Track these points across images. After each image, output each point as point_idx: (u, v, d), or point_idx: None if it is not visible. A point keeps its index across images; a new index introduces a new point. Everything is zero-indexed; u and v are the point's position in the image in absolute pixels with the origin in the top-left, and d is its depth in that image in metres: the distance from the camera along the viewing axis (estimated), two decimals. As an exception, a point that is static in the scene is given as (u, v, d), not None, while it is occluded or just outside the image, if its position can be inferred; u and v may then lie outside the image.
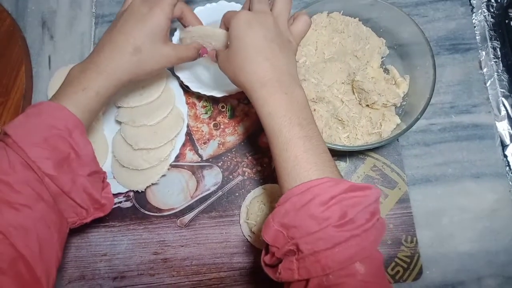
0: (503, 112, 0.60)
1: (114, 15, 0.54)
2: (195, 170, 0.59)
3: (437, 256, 0.55)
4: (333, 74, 0.55)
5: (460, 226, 0.56)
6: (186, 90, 0.59)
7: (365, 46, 0.57)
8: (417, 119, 0.50)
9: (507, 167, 0.58)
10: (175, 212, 0.58)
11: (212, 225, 0.57)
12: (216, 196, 0.58)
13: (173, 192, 0.59)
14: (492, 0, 0.64)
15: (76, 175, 0.43)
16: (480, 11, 0.64)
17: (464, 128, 0.59)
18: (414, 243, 0.55)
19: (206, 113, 0.61)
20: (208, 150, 0.60)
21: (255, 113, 0.60)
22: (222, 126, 0.61)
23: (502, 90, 0.61)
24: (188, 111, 0.60)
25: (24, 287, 0.36)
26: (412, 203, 0.56)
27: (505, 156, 0.58)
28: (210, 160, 0.59)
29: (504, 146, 0.59)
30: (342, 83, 0.55)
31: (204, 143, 0.60)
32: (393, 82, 0.57)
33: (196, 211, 0.58)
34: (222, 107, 0.61)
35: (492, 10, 0.63)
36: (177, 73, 0.58)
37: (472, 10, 0.63)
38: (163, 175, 0.57)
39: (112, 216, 0.58)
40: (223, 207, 0.58)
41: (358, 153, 0.59)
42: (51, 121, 0.41)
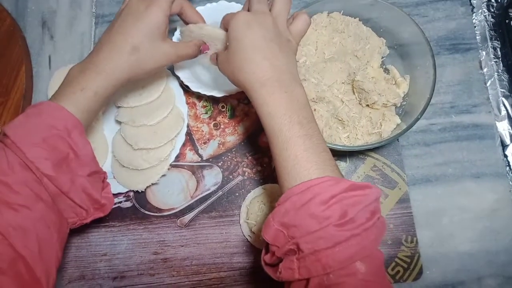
0: (503, 112, 0.60)
1: (114, 15, 0.54)
2: (195, 170, 0.59)
3: (437, 256, 0.55)
4: (333, 74, 0.55)
5: (460, 226, 0.56)
6: (186, 90, 0.59)
7: (365, 46, 0.57)
8: (417, 119, 0.49)
9: (507, 167, 0.58)
10: (175, 212, 0.58)
11: (212, 225, 0.57)
12: (216, 196, 0.58)
13: (173, 192, 0.59)
14: (492, 0, 0.64)
15: (75, 175, 0.42)
16: (480, 11, 0.63)
17: (464, 128, 0.59)
18: (414, 243, 0.55)
19: (206, 113, 0.61)
20: (208, 150, 0.60)
21: (255, 113, 0.60)
22: (222, 126, 0.61)
23: (502, 90, 0.61)
24: (188, 111, 0.60)
25: (24, 287, 0.37)
26: (412, 203, 0.56)
27: (505, 156, 0.58)
28: (210, 160, 0.59)
29: (504, 146, 0.59)
30: (342, 83, 0.55)
31: (204, 143, 0.60)
32: (393, 82, 0.57)
33: (196, 211, 0.58)
34: (222, 107, 0.61)
35: (493, 10, 0.63)
36: (177, 73, 0.57)
37: (472, 10, 0.63)
38: (163, 175, 0.57)
39: (112, 216, 0.58)
40: (223, 207, 0.58)
41: (358, 153, 0.59)
42: (50, 121, 0.41)
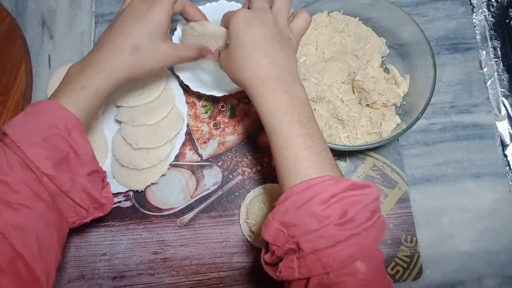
0: (503, 112, 0.60)
1: (114, 14, 0.54)
2: (195, 170, 0.59)
3: (437, 256, 0.55)
4: (333, 74, 0.55)
5: (460, 226, 0.56)
6: (186, 90, 0.59)
7: (365, 46, 0.57)
8: (417, 119, 0.49)
9: (507, 167, 0.58)
10: (175, 212, 0.58)
11: (212, 225, 0.57)
12: (216, 196, 0.58)
13: (173, 192, 0.58)
14: (493, 0, 0.64)
15: (75, 175, 0.42)
16: (481, 11, 0.63)
17: (464, 128, 0.59)
18: (414, 243, 0.55)
19: (206, 113, 0.61)
20: (208, 150, 0.60)
21: (255, 113, 0.60)
22: (222, 126, 0.60)
23: (502, 90, 0.61)
24: (188, 111, 0.60)
25: (24, 287, 0.36)
26: (412, 203, 0.56)
27: (505, 156, 0.58)
28: (210, 160, 0.59)
29: (504, 146, 0.59)
30: (342, 83, 0.55)
31: (204, 143, 0.60)
32: (393, 82, 0.57)
33: (196, 211, 0.58)
34: (222, 107, 0.61)
35: (493, 10, 0.63)
36: (177, 73, 0.57)
37: (473, 10, 0.63)
38: (163, 175, 0.57)
39: (112, 216, 0.58)
40: (223, 207, 0.58)
41: (358, 153, 0.59)
42: (50, 121, 0.41)
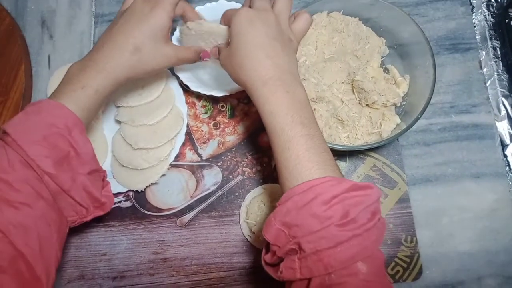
0: (503, 112, 0.60)
1: (114, 14, 0.54)
2: (195, 170, 0.59)
3: (437, 256, 0.55)
4: (333, 74, 0.55)
5: (460, 226, 0.56)
6: (186, 90, 0.59)
7: (365, 46, 0.57)
8: (417, 119, 0.49)
9: (507, 167, 0.58)
10: (175, 212, 0.58)
11: (212, 225, 0.57)
12: (216, 196, 0.58)
13: (173, 192, 0.58)
14: (492, 0, 0.64)
15: (76, 174, 0.42)
16: (480, 11, 0.63)
17: (464, 128, 0.59)
18: (414, 243, 0.55)
19: (206, 113, 0.61)
20: (208, 150, 0.60)
21: (255, 113, 0.61)
22: (222, 126, 0.60)
23: (502, 90, 0.61)
24: (188, 111, 0.60)
25: (24, 286, 0.36)
26: (412, 203, 0.56)
27: (505, 156, 0.58)
28: (210, 160, 0.59)
29: (504, 146, 0.59)
30: (342, 83, 0.55)
31: (204, 143, 0.60)
32: (393, 82, 0.57)
33: (196, 211, 0.58)
34: (222, 107, 0.61)
35: (492, 10, 0.63)
36: (177, 73, 0.57)
37: (472, 10, 0.63)
38: (163, 175, 0.57)
39: (112, 216, 0.58)
40: (223, 207, 0.58)
41: (358, 153, 0.59)
42: (51, 119, 0.41)
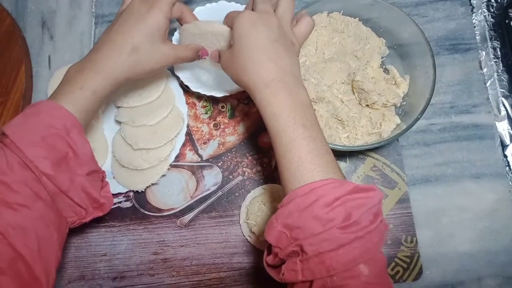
0: (503, 112, 0.60)
1: (114, 15, 0.54)
2: (195, 170, 0.59)
3: (437, 256, 0.55)
4: (333, 74, 0.55)
5: (460, 226, 0.56)
6: (186, 90, 0.59)
7: (365, 46, 0.57)
8: (417, 119, 0.49)
9: (507, 167, 0.58)
10: (175, 212, 0.58)
11: (212, 225, 0.57)
12: (216, 196, 0.58)
13: (173, 192, 0.58)
14: (492, 0, 0.64)
15: (74, 174, 0.42)
16: (480, 11, 0.63)
17: (464, 128, 0.59)
18: (414, 243, 0.55)
19: (206, 113, 0.61)
20: (208, 150, 0.60)
21: (255, 113, 0.61)
22: (222, 126, 0.61)
23: (502, 90, 0.61)
24: (188, 111, 0.60)
25: (24, 287, 0.36)
26: (412, 203, 0.56)
27: (505, 156, 0.58)
28: (210, 160, 0.59)
29: (504, 146, 0.59)
30: (342, 83, 0.55)
31: (204, 143, 0.60)
32: (393, 82, 0.57)
33: (196, 211, 0.58)
34: (222, 107, 0.61)
35: (492, 10, 0.63)
36: (177, 73, 0.57)
37: (472, 10, 0.63)
38: (163, 175, 0.57)
39: (112, 216, 0.58)
40: (223, 207, 0.58)
41: (358, 153, 0.59)
42: (49, 121, 0.41)
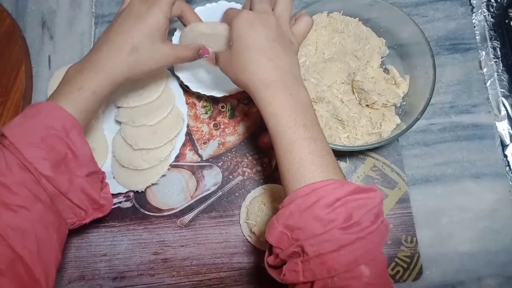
0: (503, 112, 0.60)
1: (114, 15, 0.54)
2: (195, 170, 0.59)
3: (437, 256, 0.55)
4: (333, 74, 0.55)
5: (460, 226, 0.56)
6: (186, 90, 0.59)
7: (365, 46, 0.57)
8: (417, 119, 0.50)
9: (507, 167, 0.58)
10: (175, 212, 0.58)
11: (212, 225, 0.57)
12: (216, 196, 0.58)
13: (173, 192, 0.59)
14: (492, 0, 0.64)
15: (74, 176, 0.42)
16: (480, 11, 0.63)
17: (464, 128, 0.59)
18: (414, 243, 0.55)
19: (206, 113, 0.61)
20: (208, 150, 0.60)
21: (255, 113, 0.61)
22: (222, 126, 0.61)
23: (502, 90, 0.61)
24: (188, 111, 0.60)
25: None
26: (412, 203, 0.56)
27: (505, 156, 0.58)
28: (210, 160, 0.59)
29: (504, 146, 0.59)
30: (342, 83, 0.55)
31: (204, 143, 0.60)
32: (393, 82, 0.57)
33: (196, 211, 0.58)
34: (222, 107, 0.61)
35: (492, 10, 0.63)
36: (177, 73, 0.57)
37: (472, 10, 0.63)
38: (163, 175, 0.57)
39: (112, 216, 0.58)
40: (223, 207, 0.58)
41: (358, 153, 0.59)
42: (48, 122, 0.41)
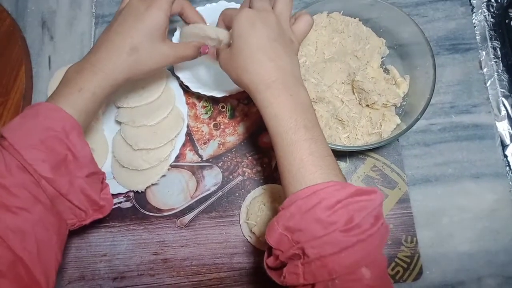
0: (503, 112, 0.60)
1: (114, 15, 0.54)
2: (195, 170, 0.59)
3: (437, 256, 0.55)
4: (333, 74, 0.55)
5: (460, 226, 0.56)
6: (186, 90, 0.59)
7: (365, 46, 0.57)
8: (417, 119, 0.49)
9: (507, 167, 0.58)
10: (175, 213, 0.58)
11: (212, 225, 0.57)
12: (216, 197, 0.58)
13: (173, 193, 0.59)
14: (492, 0, 0.64)
15: (74, 177, 0.42)
16: (480, 11, 0.63)
17: (464, 128, 0.59)
18: (414, 243, 0.55)
19: (206, 113, 0.61)
20: (208, 150, 0.60)
21: (255, 113, 0.61)
22: (222, 126, 0.61)
23: (502, 90, 0.61)
24: (188, 111, 0.60)
25: None
26: (412, 203, 0.56)
27: (505, 156, 0.58)
28: (210, 160, 0.59)
29: (504, 146, 0.59)
30: (342, 83, 0.55)
31: (204, 143, 0.60)
32: (393, 82, 0.57)
33: (196, 211, 0.58)
34: (222, 107, 0.61)
35: (492, 10, 0.63)
36: (177, 73, 0.57)
37: (472, 10, 0.63)
38: (163, 176, 0.57)
39: (112, 217, 0.58)
40: (223, 207, 0.58)
41: (358, 153, 0.59)
42: (48, 123, 0.41)
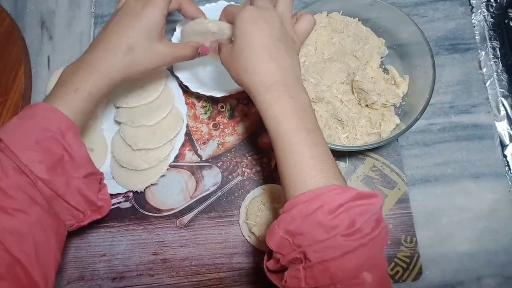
0: (503, 112, 0.60)
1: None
2: (195, 171, 0.59)
3: (437, 256, 0.55)
4: (333, 74, 0.55)
5: (460, 226, 0.56)
6: (186, 90, 0.59)
7: (365, 46, 0.57)
8: (417, 119, 0.49)
9: (507, 167, 0.58)
10: (175, 213, 0.58)
11: (212, 226, 0.57)
12: (216, 197, 0.58)
13: (173, 193, 0.58)
14: (492, 0, 0.64)
15: (70, 178, 0.42)
16: (480, 11, 0.63)
17: (464, 128, 0.59)
18: (414, 243, 0.55)
19: (206, 113, 0.61)
20: (208, 150, 0.60)
21: (255, 113, 0.61)
22: (222, 126, 0.60)
23: (502, 90, 0.61)
24: (188, 111, 0.60)
25: None
26: (412, 203, 0.56)
27: (505, 156, 0.58)
28: (210, 161, 0.59)
29: (504, 146, 0.59)
30: (342, 83, 0.55)
31: (204, 143, 0.60)
32: (393, 82, 0.57)
33: (196, 212, 0.58)
34: (222, 107, 0.61)
35: (492, 10, 0.63)
36: (176, 73, 0.57)
37: (472, 10, 0.63)
38: (162, 176, 0.57)
39: (111, 217, 0.58)
40: (223, 208, 0.58)
41: (358, 153, 0.59)
42: (44, 124, 0.41)
